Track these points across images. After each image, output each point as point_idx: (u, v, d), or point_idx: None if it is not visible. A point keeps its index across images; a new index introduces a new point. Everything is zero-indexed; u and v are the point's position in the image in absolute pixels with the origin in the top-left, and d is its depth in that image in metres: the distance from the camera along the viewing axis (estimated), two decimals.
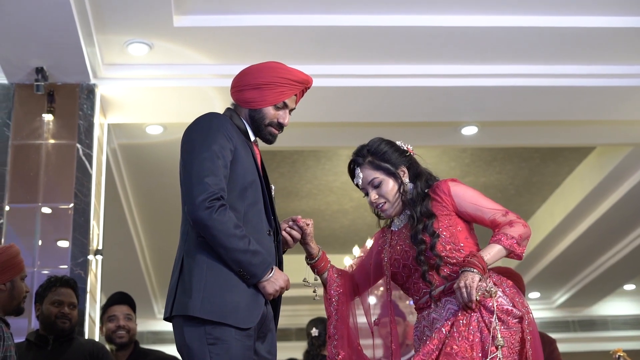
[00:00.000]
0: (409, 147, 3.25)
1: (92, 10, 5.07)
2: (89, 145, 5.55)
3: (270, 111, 3.09)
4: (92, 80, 5.67)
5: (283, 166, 8.34)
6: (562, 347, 12.37)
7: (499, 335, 2.82)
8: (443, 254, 3.00)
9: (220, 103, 5.83)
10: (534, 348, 2.89)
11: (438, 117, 6.71)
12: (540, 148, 8.12)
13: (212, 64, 5.78)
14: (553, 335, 12.59)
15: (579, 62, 6.10)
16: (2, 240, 5.22)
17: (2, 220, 5.29)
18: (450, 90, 6.20)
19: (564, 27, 5.61)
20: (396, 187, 3.16)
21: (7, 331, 3.65)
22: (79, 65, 5.42)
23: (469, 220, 3.10)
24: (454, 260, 3.00)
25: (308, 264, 3.31)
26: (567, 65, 6.13)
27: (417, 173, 3.19)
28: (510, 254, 2.96)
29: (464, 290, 2.83)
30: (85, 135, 5.56)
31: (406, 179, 3.17)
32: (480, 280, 2.85)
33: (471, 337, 2.86)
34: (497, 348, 2.81)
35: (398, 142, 3.25)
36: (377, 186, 3.17)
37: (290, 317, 11.19)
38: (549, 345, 4.96)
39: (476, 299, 2.84)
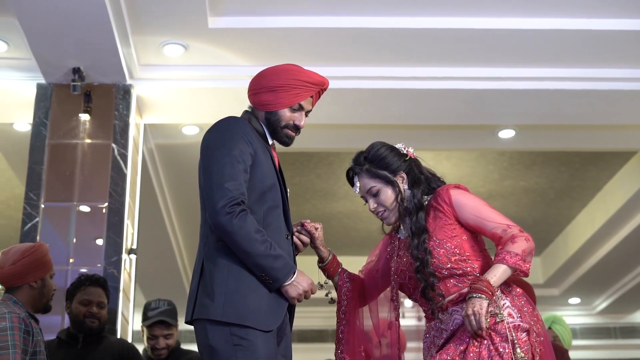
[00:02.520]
0: (409, 150, 3.18)
1: (128, 11, 5.12)
2: (124, 145, 5.60)
3: (286, 113, 3.07)
4: (128, 81, 5.73)
5: (320, 167, 8.34)
6: (602, 354, 12.33)
7: (518, 350, 2.75)
8: (448, 265, 2.93)
9: None
10: None
11: (475, 120, 6.66)
12: (580, 152, 8.01)
13: (247, 65, 5.79)
14: (593, 342, 12.52)
15: (619, 65, 6.01)
16: (38, 237, 5.28)
17: (38, 219, 5.36)
18: (487, 93, 6.15)
19: (604, 29, 5.53)
20: (394, 196, 3.10)
21: (37, 327, 3.71)
22: (115, 65, 5.48)
23: (471, 230, 3.01)
24: (460, 271, 2.93)
25: (319, 267, 3.29)
26: (607, 69, 6.04)
27: (416, 179, 3.12)
28: (516, 271, 2.84)
29: (472, 317, 2.73)
30: (121, 135, 5.61)
31: (405, 186, 3.11)
32: (488, 305, 2.75)
33: None
34: None
35: (398, 145, 3.18)
36: (375, 195, 3.12)
37: (327, 318, 11.18)
38: (560, 355, 4.86)
39: (486, 326, 2.74)
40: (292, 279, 2.84)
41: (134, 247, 5.74)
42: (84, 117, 5.61)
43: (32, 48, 5.25)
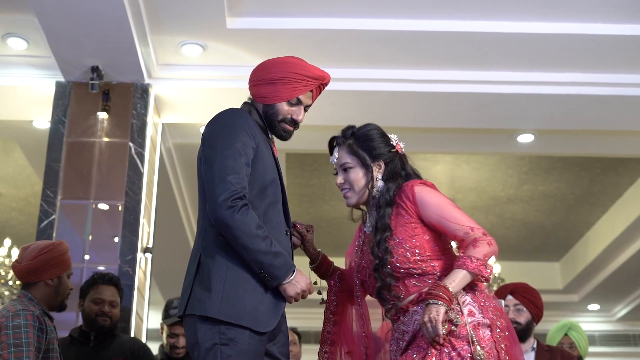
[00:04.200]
0: (399, 144, 3.06)
1: (147, 11, 5.14)
2: (141, 144, 5.61)
3: (283, 107, 2.99)
4: (147, 80, 5.75)
5: None
6: None
7: (478, 348, 2.68)
8: (406, 265, 2.85)
9: None
10: (511, 355, 2.76)
11: (493, 124, 6.62)
12: (600, 157, 7.96)
13: None
14: (612, 349, 12.41)
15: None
16: (54, 234, 5.31)
17: (54, 216, 5.39)
18: (506, 97, 6.12)
19: (624, 35, 5.50)
20: (364, 180, 3.00)
21: (51, 324, 3.72)
22: (134, 65, 5.50)
23: (433, 229, 2.91)
24: (420, 271, 2.85)
25: (311, 269, 3.22)
26: (628, 74, 6.00)
27: (394, 173, 3.00)
28: (477, 276, 2.76)
29: (429, 325, 2.66)
30: (138, 134, 5.63)
31: (379, 175, 3.00)
32: (446, 312, 2.67)
33: None
34: None
35: (392, 136, 3.07)
36: (346, 171, 3.03)
37: None
38: None
39: (443, 333, 2.66)
40: (291, 278, 2.78)
41: (150, 245, 5.75)
42: (102, 115, 5.64)
43: (52, 46, 5.28)
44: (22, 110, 6.20)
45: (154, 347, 5.13)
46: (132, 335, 5.19)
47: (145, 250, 5.62)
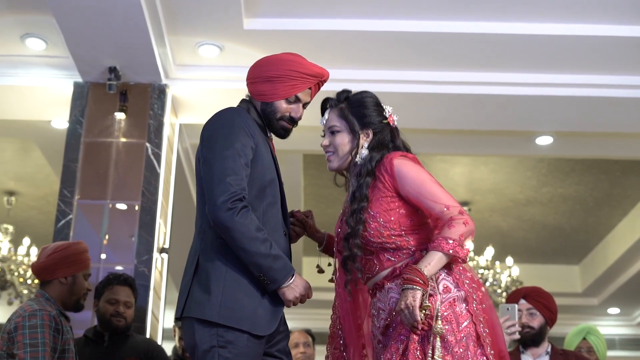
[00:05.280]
0: (392, 116, 2.97)
1: (164, 12, 5.16)
2: (157, 145, 5.62)
3: (282, 105, 2.96)
4: (164, 81, 5.76)
5: None
6: None
7: (439, 323, 2.64)
8: (379, 240, 2.79)
9: None
10: (490, 327, 2.72)
11: (512, 126, 6.58)
12: (620, 160, 7.89)
13: None
14: (632, 354, 12.32)
15: None
16: (71, 234, 5.34)
17: (71, 216, 5.41)
18: (525, 99, 6.08)
19: None
20: (349, 146, 2.93)
21: (67, 325, 3.75)
22: (151, 65, 5.51)
23: (410, 204, 2.83)
24: (394, 245, 2.80)
25: (320, 251, 3.18)
26: None
27: (381, 144, 2.92)
28: (453, 258, 2.70)
29: (406, 311, 2.60)
30: (155, 134, 5.64)
31: (365, 143, 2.93)
32: (423, 295, 2.61)
33: None
34: (435, 337, 2.63)
35: (387, 107, 2.99)
36: (333, 133, 2.97)
37: None
38: None
39: (421, 318, 2.61)
40: (290, 282, 2.76)
41: (166, 246, 5.76)
42: (119, 115, 5.65)
43: (70, 47, 5.30)
44: (41, 110, 6.23)
45: (170, 347, 5.14)
46: (148, 335, 5.20)
47: (162, 250, 5.63)
